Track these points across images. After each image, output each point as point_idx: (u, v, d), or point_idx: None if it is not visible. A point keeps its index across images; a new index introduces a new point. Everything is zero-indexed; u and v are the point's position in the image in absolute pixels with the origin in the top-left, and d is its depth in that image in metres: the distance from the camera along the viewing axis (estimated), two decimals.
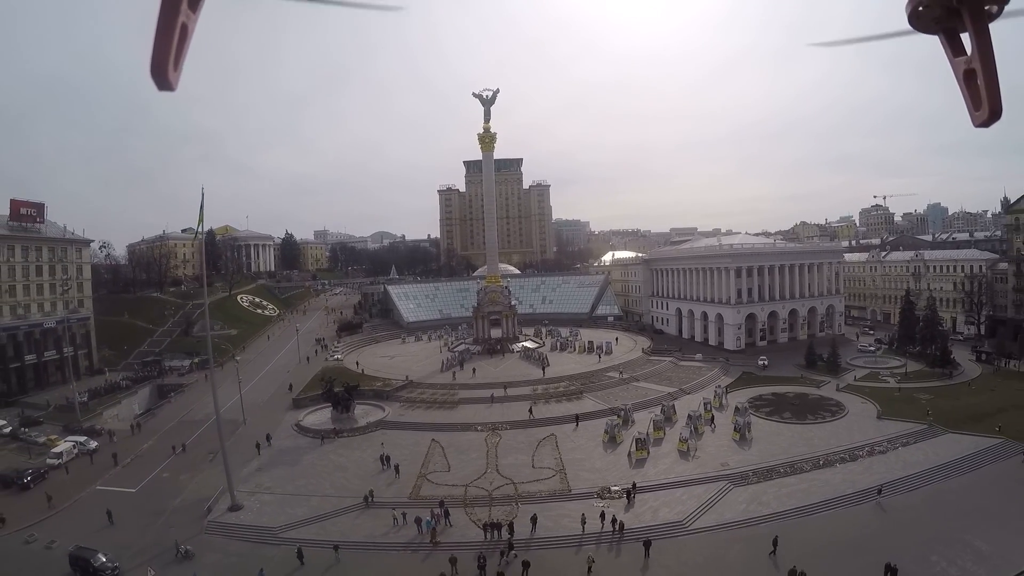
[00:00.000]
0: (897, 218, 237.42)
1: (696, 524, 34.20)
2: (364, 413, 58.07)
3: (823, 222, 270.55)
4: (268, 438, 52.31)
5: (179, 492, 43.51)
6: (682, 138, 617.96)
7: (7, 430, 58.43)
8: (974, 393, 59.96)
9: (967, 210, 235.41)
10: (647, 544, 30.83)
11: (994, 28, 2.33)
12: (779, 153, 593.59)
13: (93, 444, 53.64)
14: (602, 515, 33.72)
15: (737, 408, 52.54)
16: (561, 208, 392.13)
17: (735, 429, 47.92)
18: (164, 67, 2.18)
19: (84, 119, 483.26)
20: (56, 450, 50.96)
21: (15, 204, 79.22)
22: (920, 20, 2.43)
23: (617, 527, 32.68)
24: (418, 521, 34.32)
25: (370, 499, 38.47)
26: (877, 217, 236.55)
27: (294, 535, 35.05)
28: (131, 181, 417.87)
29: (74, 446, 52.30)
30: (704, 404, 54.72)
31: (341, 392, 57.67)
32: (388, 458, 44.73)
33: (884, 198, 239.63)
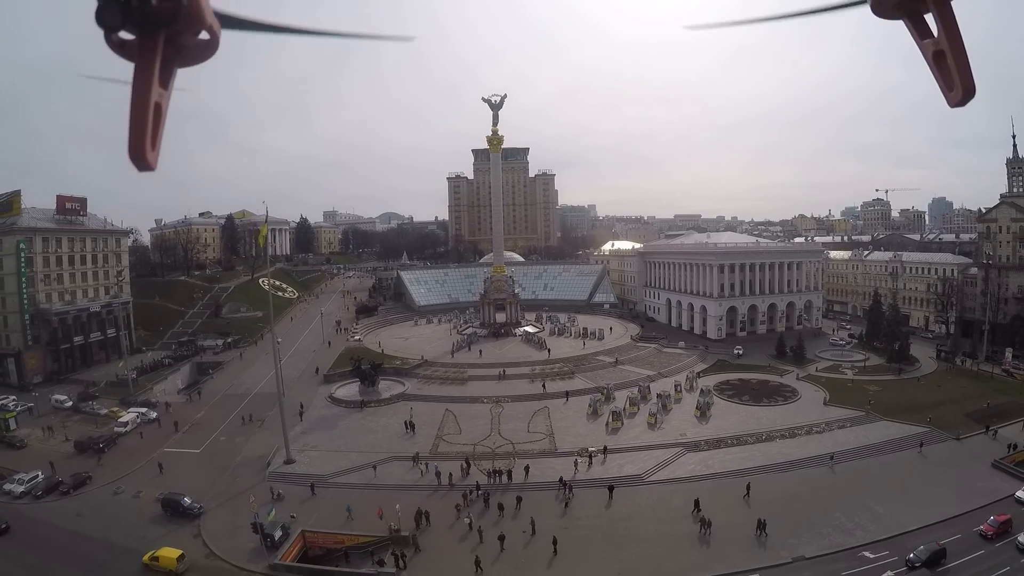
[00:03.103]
0: (894, 214, 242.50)
1: (652, 478, 44.11)
2: (387, 387, 67.85)
3: (826, 213, 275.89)
4: (302, 406, 60.45)
5: (238, 451, 51.83)
6: (694, 123, 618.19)
7: (68, 404, 65.11)
8: (921, 387, 66.26)
9: (967, 207, 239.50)
10: (611, 488, 40.97)
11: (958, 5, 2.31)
12: (791, 142, 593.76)
13: (153, 414, 60.86)
14: (560, 479, 42.42)
15: (702, 390, 62.06)
16: (567, 192, 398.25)
17: (697, 407, 57.50)
18: (142, 149, 2.18)
19: (87, 100, 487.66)
20: (123, 419, 58.28)
21: (61, 199, 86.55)
22: (882, 7, 2.40)
23: (567, 487, 41.56)
24: (438, 473, 43.92)
25: (418, 458, 47.40)
26: (875, 212, 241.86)
27: (341, 480, 45.02)
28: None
29: (137, 416, 59.39)
30: (675, 386, 64.40)
31: (368, 369, 67.41)
32: (411, 423, 54.70)
33: (886, 192, 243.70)
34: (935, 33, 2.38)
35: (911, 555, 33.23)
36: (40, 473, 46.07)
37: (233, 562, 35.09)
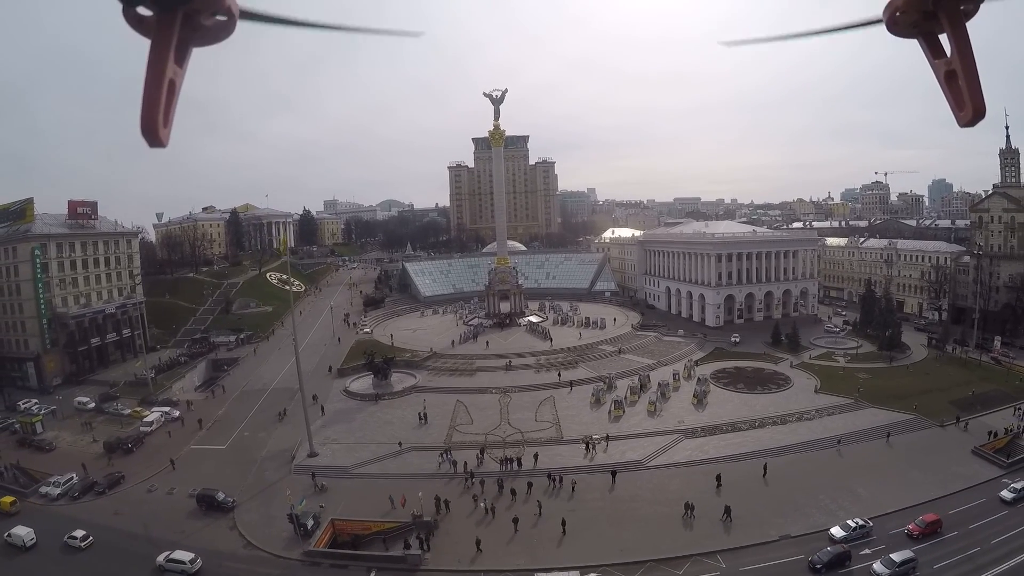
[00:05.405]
0: (893, 198, 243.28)
1: (652, 463, 47.42)
2: (399, 380, 70.54)
3: (826, 196, 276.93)
4: (315, 398, 62.03)
5: (262, 446, 54.01)
6: (690, 104, 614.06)
7: (91, 405, 66.08)
8: (910, 375, 68.09)
9: (966, 189, 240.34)
10: (614, 473, 44.34)
11: (972, 26, 2.34)
12: (786, 120, 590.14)
13: (176, 413, 62.23)
14: (549, 475, 44.24)
15: (699, 379, 65.12)
16: (568, 175, 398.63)
17: (694, 395, 60.59)
18: (154, 125, 2.18)
19: (86, 91, 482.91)
20: (148, 419, 59.66)
21: (72, 204, 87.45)
22: (898, 26, 2.47)
23: (557, 479, 44.01)
24: (454, 463, 47.04)
25: (448, 452, 49.00)
26: (873, 196, 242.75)
27: (363, 471, 48.10)
28: (133, 152, 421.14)
29: (161, 415, 60.81)
30: (674, 374, 67.40)
31: (380, 363, 69.95)
32: (425, 415, 57.78)
33: (885, 175, 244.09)
34: (948, 53, 2.45)
35: (814, 556, 33.84)
36: (74, 475, 47.44)
37: (270, 551, 37.68)
